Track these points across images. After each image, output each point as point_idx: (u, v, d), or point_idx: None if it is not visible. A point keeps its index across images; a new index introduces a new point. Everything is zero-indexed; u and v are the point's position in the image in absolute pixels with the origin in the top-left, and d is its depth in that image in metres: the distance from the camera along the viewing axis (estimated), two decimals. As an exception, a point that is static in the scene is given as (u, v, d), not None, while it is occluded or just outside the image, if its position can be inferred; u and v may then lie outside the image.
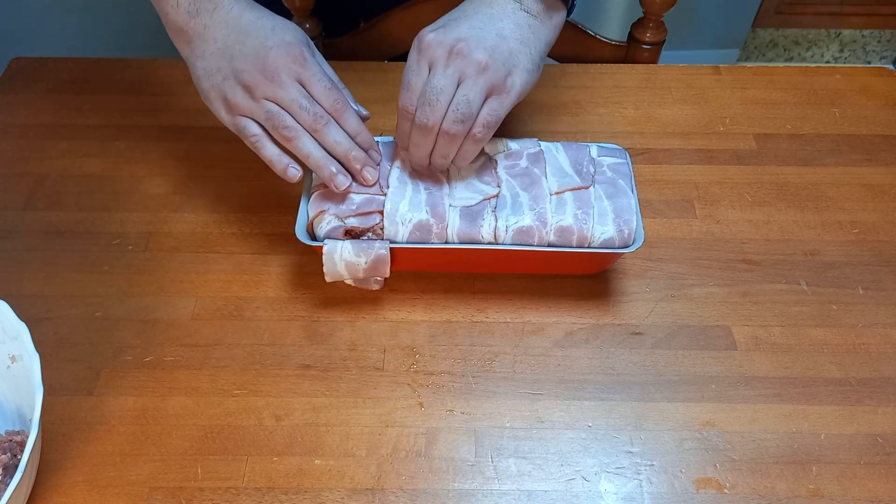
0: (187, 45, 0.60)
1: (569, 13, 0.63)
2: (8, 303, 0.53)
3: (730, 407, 0.58)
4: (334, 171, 0.59)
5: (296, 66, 0.57)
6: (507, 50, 0.57)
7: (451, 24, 0.58)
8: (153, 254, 0.68)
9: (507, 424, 0.58)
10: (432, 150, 0.59)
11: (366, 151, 0.61)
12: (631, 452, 0.56)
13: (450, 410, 0.58)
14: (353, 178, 0.60)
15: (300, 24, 0.92)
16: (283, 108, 0.57)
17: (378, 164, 0.62)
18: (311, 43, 0.61)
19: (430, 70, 0.57)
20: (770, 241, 0.69)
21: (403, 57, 0.97)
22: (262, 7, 0.60)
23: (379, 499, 0.54)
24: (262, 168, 0.62)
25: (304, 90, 0.58)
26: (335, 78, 0.61)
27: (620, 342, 0.62)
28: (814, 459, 0.56)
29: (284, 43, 0.57)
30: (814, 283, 0.66)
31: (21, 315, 0.53)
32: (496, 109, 0.57)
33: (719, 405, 0.59)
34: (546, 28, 0.60)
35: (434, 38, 0.57)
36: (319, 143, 0.59)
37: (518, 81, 0.58)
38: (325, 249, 0.59)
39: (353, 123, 0.60)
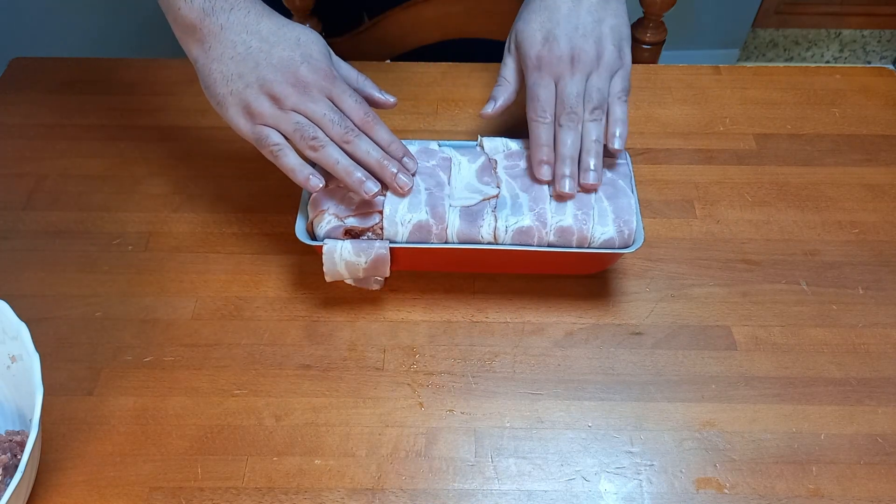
0: (199, 44, 0.57)
1: None
2: (8, 303, 0.53)
3: (730, 407, 0.58)
4: (362, 177, 0.58)
5: (326, 82, 0.57)
6: (608, 31, 0.62)
7: (552, 33, 0.62)
8: (153, 254, 0.68)
9: (507, 424, 0.58)
10: (581, 147, 0.61)
11: (399, 160, 0.61)
12: (631, 452, 0.56)
13: (450, 410, 0.58)
14: (389, 188, 0.60)
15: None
16: (311, 121, 0.57)
17: (414, 173, 0.61)
18: (331, 51, 0.61)
19: (556, 83, 0.62)
20: (770, 241, 0.69)
21: (405, 56, 0.98)
22: (276, 13, 0.60)
23: (379, 499, 0.54)
24: (262, 168, 0.62)
25: (333, 105, 0.58)
26: (354, 73, 0.62)
27: (620, 342, 0.62)
28: (814, 459, 0.56)
29: (313, 58, 0.57)
30: (814, 283, 0.66)
31: (21, 315, 0.53)
32: (624, 79, 0.63)
33: (719, 405, 0.59)
34: None
35: (548, 54, 0.62)
36: (349, 155, 0.58)
37: (627, 51, 0.63)
38: (324, 249, 0.59)
39: (384, 135, 0.60)
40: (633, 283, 0.66)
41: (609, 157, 0.64)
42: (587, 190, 0.61)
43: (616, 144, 0.61)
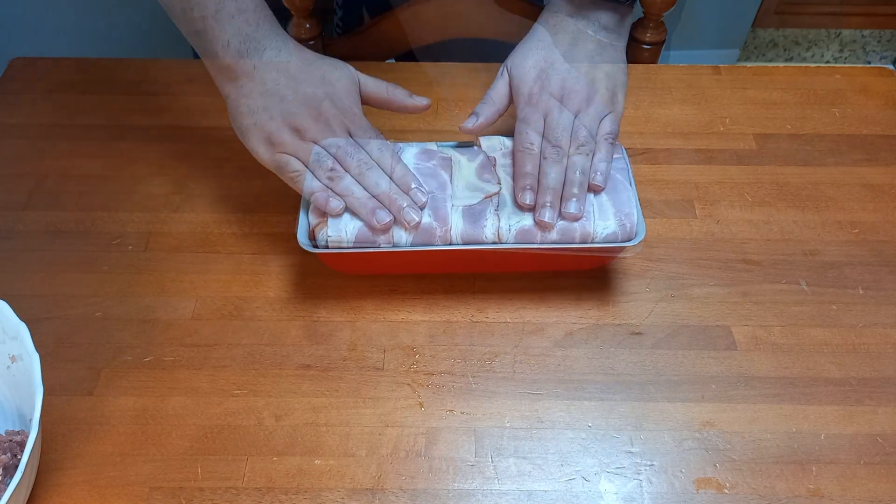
0: (232, 82, 0.61)
1: (631, 3, 0.67)
2: (8, 303, 0.53)
3: (730, 407, 0.58)
4: (374, 207, 0.59)
5: (346, 119, 0.61)
6: (602, 75, 0.64)
7: (546, 72, 0.64)
8: (153, 254, 0.68)
9: (507, 424, 0.58)
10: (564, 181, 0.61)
11: (408, 192, 0.60)
12: (631, 452, 0.56)
13: (450, 410, 0.58)
14: (397, 221, 0.59)
15: (300, 24, 0.92)
16: (329, 153, 0.60)
17: (423, 205, 0.60)
18: (360, 80, 0.64)
19: (545, 118, 0.63)
20: (770, 241, 0.69)
21: (405, 56, 0.98)
22: (306, 50, 0.63)
23: (379, 499, 0.54)
24: (262, 168, 0.62)
25: (351, 139, 0.61)
26: (384, 85, 0.65)
27: (620, 342, 0.62)
28: (814, 459, 0.56)
29: (336, 95, 0.61)
30: (814, 283, 0.66)
31: (21, 315, 0.53)
32: (613, 122, 0.63)
33: (719, 405, 0.59)
34: (622, 34, 0.67)
35: (540, 91, 0.63)
36: (363, 187, 0.60)
37: (621, 98, 0.65)
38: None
39: (397, 168, 0.61)
40: (633, 283, 0.66)
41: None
42: (568, 219, 0.60)
43: (598, 181, 0.61)
